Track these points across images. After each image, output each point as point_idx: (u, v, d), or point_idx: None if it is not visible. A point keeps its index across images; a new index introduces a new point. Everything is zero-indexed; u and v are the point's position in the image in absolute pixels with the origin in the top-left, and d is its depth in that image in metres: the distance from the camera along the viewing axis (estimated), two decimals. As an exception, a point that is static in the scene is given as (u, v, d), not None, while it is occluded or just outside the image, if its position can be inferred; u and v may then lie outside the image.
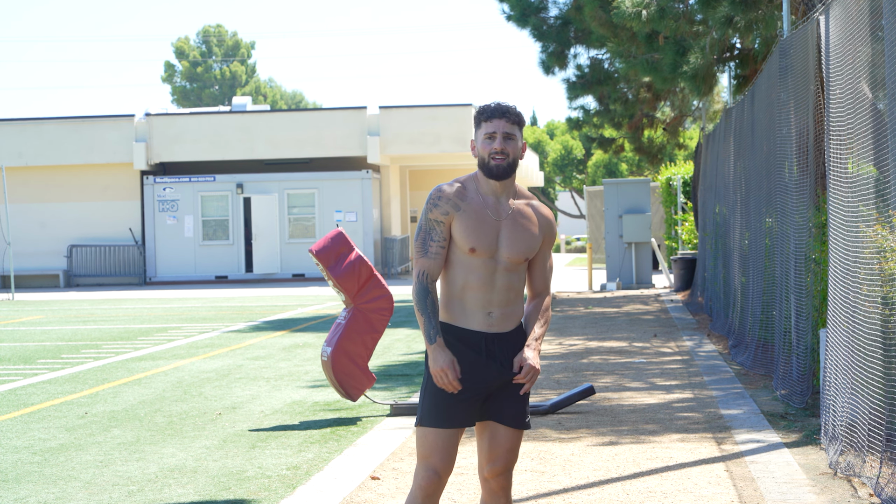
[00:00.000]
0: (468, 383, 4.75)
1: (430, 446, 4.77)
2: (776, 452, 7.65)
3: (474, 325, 4.77)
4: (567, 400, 9.54)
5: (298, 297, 27.38)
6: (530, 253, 4.80)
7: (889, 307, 6.33)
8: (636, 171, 46.99)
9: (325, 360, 9.47)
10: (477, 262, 4.74)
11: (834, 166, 7.59)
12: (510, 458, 4.83)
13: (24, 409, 10.59)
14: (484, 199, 4.79)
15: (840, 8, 7.30)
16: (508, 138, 4.76)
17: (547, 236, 4.86)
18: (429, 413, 4.79)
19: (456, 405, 4.75)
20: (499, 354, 4.78)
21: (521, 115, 4.82)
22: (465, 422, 4.80)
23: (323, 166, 36.72)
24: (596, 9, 18.81)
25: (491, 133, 4.76)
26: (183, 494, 7.06)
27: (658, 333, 16.02)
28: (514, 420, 4.80)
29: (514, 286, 4.79)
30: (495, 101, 4.84)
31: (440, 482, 4.77)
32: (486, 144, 4.76)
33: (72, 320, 21.42)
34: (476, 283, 4.75)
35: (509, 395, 4.80)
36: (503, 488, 4.84)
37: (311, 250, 9.50)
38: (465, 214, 4.75)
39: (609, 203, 27.33)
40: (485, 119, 4.78)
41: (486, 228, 4.74)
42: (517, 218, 4.80)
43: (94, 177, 36.18)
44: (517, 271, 4.79)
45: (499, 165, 4.75)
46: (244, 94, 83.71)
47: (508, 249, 4.75)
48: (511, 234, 4.76)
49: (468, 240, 4.73)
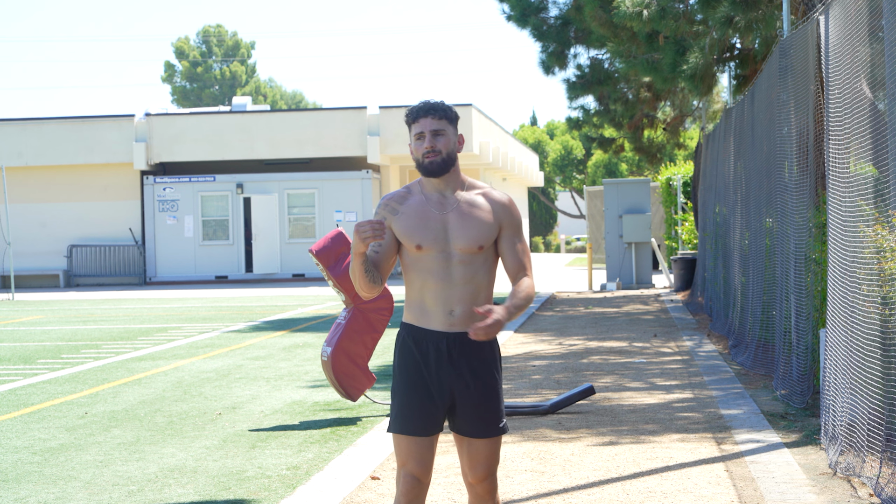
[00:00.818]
0: (430, 386, 4.69)
1: (404, 452, 4.72)
2: (776, 452, 7.65)
3: (435, 324, 4.70)
4: (567, 400, 9.54)
5: (298, 297, 27.38)
6: (484, 241, 4.70)
7: (888, 307, 6.33)
8: (636, 171, 46.99)
9: (325, 360, 9.48)
10: (428, 258, 4.68)
11: (833, 166, 7.59)
12: (490, 463, 4.76)
13: (24, 409, 10.60)
14: (427, 196, 4.75)
15: (840, 8, 7.30)
16: (438, 135, 4.71)
17: (505, 220, 4.76)
18: (395, 419, 4.74)
19: (420, 411, 4.69)
20: (461, 357, 4.70)
21: (449, 110, 4.77)
22: (432, 429, 4.71)
23: (323, 166, 36.72)
24: (596, 9, 18.81)
25: (419, 133, 4.71)
26: (183, 494, 7.06)
27: (658, 333, 16.01)
28: (484, 431, 4.72)
29: (474, 279, 4.70)
30: (421, 100, 4.79)
31: (420, 486, 4.71)
32: (418, 145, 4.72)
33: (72, 320, 21.42)
34: (433, 280, 4.68)
35: (475, 407, 4.70)
36: (489, 492, 4.78)
37: (311, 250, 9.50)
38: (403, 216, 4.71)
39: (609, 203, 27.32)
40: (412, 121, 4.74)
41: (429, 224, 4.69)
42: (465, 208, 4.73)
43: (94, 177, 36.18)
44: (474, 263, 4.70)
45: (433, 162, 4.70)
46: (244, 94, 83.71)
47: (458, 240, 4.68)
48: (459, 224, 4.69)
49: (412, 237, 4.68)
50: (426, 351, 4.70)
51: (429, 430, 4.71)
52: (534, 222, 70.75)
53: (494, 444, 4.76)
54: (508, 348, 14.61)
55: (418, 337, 4.72)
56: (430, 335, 4.70)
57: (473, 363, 4.71)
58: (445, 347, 4.69)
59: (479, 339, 4.51)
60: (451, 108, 4.79)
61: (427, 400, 4.70)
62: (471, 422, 4.72)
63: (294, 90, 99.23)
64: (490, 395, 4.74)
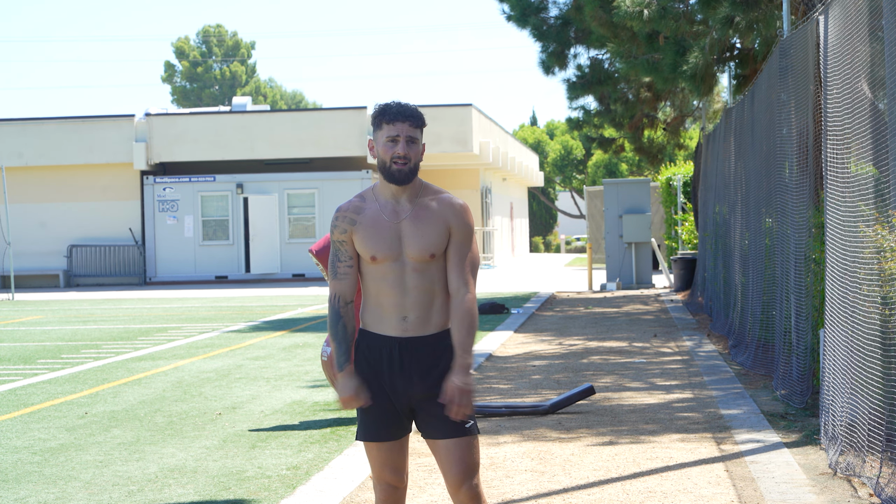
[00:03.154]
0: (383, 391, 4.65)
1: (374, 459, 4.71)
2: (776, 452, 7.65)
3: (388, 329, 4.63)
4: (567, 400, 9.54)
5: (298, 297, 27.38)
6: (436, 248, 4.60)
7: (888, 307, 6.32)
8: (636, 171, 46.98)
9: (325, 360, 9.47)
10: (383, 268, 4.61)
11: (832, 166, 7.59)
12: (463, 467, 4.62)
13: (24, 409, 10.60)
14: (382, 204, 4.66)
15: (839, 8, 7.30)
16: (411, 142, 4.59)
17: (455, 226, 4.64)
18: (359, 427, 4.72)
19: (379, 418, 4.65)
20: (413, 360, 4.62)
21: (423, 118, 4.66)
22: (398, 432, 4.67)
23: (323, 166, 36.72)
24: (596, 9, 18.81)
25: (394, 136, 4.58)
26: (183, 494, 7.06)
27: (658, 333, 16.01)
28: (447, 431, 4.61)
29: (429, 287, 4.62)
30: (395, 101, 4.67)
31: (396, 492, 4.70)
32: (389, 147, 4.59)
33: (72, 320, 21.42)
34: (387, 288, 4.62)
35: (435, 408, 4.61)
36: (471, 499, 4.63)
37: (310, 250, 9.50)
38: (361, 227, 4.63)
39: (609, 203, 27.32)
40: (387, 121, 4.60)
41: (383, 233, 4.61)
42: (418, 216, 4.63)
43: (94, 177, 36.17)
44: (428, 271, 4.61)
45: (400, 170, 4.59)
46: (244, 94, 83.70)
47: (411, 248, 4.60)
48: (411, 233, 4.61)
49: (367, 249, 4.61)
50: (379, 356, 4.65)
51: (393, 435, 4.67)
52: (534, 222, 70.74)
53: (464, 444, 4.63)
54: (508, 348, 14.61)
55: (372, 342, 4.67)
56: (384, 340, 4.64)
57: (429, 367, 4.64)
58: (398, 352, 4.63)
59: (460, 417, 4.56)
60: (424, 118, 4.68)
61: (385, 404, 4.65)
62: (435, 424, 4.64)
63: (294, 90, 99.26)
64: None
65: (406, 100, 4.74)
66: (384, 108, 4.63)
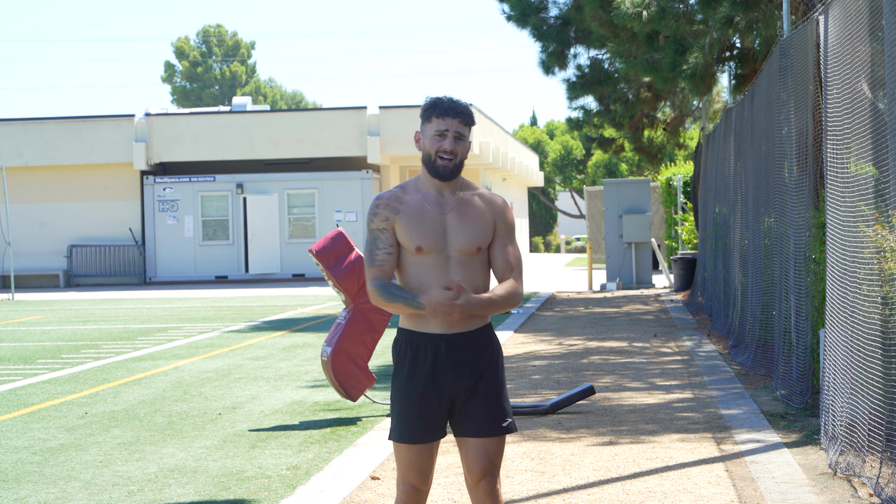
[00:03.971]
0: (431, 392, 4.60)
1: (405, 461, 4.65)
2: (776, 452, 7.65)
3: (433, 327, 4.60)
4: (567, 400, 9.54)
5: (298, 297, 27.38)
6: (482, 242, 4.62)
7: (888, 307, 6.33)
8: (636, 171, 46.98)
9: (325, 360, 9.48)
10: (428, 259, 4.58)
11: (832, 166, 7.59)
12: (490, 464, 4.63)
13: (24, 409, 10.60)
14: (425, 196, 4.64)
15: (840, 8, 7.30)
16: (459, 139, 4.59)
17: (500, 223, 4.67)
18: (396, 427, 4.66)
19: (420, 418, 4.61)
20: (461, 358, 4.60)
21: (473, 116, 4.66)
22: (435, 434, 4.64)
23: (323, 166, 36.72)
24: (596, 9, 18.80)
25: (443, 131, 4.57)
26: (183, 494, 7.06)
27: (658, 333, 16.01)
28: (484, 430, 4.62)
29: (472, 282, 4.60)
30: (447, 96, 4.65)
31: (418, 494, 4.66)
32: (436, 141, 4.58)
33: (72, 320, 21.42)
34: (429, 280, 4.57)
35: (476, 405, 4.61)
36: (489, 495, 4.64)
37: (311, 250, 9.50)
38: (405, 216, 4.59)
39: (609, 203, 27.32)
40: (437, 115, 4.58)
41: (429, 224, 4.58)
42: (463, 209, 4.63)
43: (94, 177, 36.17)
44: (473, 265, 4.61)
45: (445, 167, 4.59)
46: (244, 94, 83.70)
47: (457, 241, 4.59)
48: (458, 226, 4.60)
49: (412, 239, 4.57)
50: (425, 355, 4.61)
51: (429, 437, 4.64)
52: (534, 222, 70.72)
53: (496, 444, 4.65)
54: (508, 348, 14.61)
55: (417, 341, 4.63)
56: (429, 338, 4.61)
57: (474, 363, 4.63)
58: (444, 349, 4.60)
59: (433, 316, 4.48)
60: (473, 115, 4.68)
61: (427, 406, 4.61)
62: (473, 421, 4.62)
63: (294, 90, 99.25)
64: (493, 394, 4.64)
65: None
66: (436, 101, 4.62)
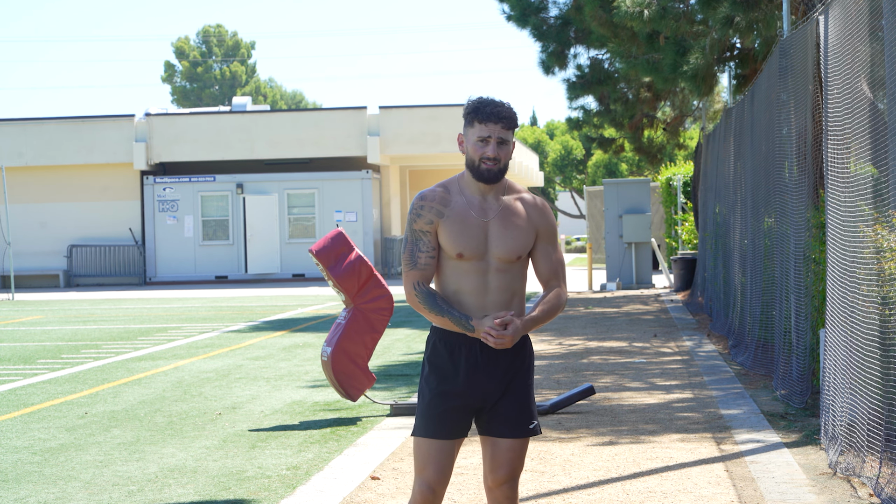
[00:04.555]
0: (463, 392, 4.61)
1: (424, 458, 4.63)
2: (776, 452, 7.65)
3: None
4: (567, 400, 9.54)
5: (298, 297, 27.38)
6: (523, 250, 4.60)
7: (888, 307, 6.33)
8: (636, 171, 46.99)
9: (325, 360, 9.47)
10: (467, 265, 4.57)
11: (832, 166, 7.60)
12: (513, 466, 4.64)
13: (24, 409, 10.60)
14: (469, 199, 4.62)
15: (840, 8, 7.30)
16: (502, 143, 4.56)
17: (542, 228, 4.65)
18: (422, 422, 4.65)
19: (448, 414, 4.61)
20: (494, 361, 4.62)
21: (516, 119, 4.62)
22: (459, 433, 4.64)
23: (323, 166, 36.72)
24: (596, 8, 18.80)
25: (485, 137, 4.55)
26: (183, 494, 7.06)
27: (658, 333, 16.02)
28: (513, 430, 4.63)
29: (510, 287, 4.61)
30: (490, 98, 4.62)
31: (435, 496, 4.63)
32: (479, 147, 4.56)
33: (72, 320, 21.42)
34: (469, 287, 4.58)
35: (506, 406, 4.63)
36: (508, 498, 4.65)
37: (311, 250, 9.50)
38: (449, 220, 4.58)
39: (609, 203, 27.33)
40: (480, 120, 4.56)
41: (472, 231, 4.57)
42: (506, 216, 4.60)
43: (94, 177, 36.18)
44: (511, 271, 4.60)
45: (490, 170, 4.56)
46: (244, 94, 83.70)
47: (498, 249, 4.58)
48: (500, 234, 4.58)
49: (455, 245, 4.57)
50: (458, 356, 4.61)
51: (453, 434, 4.63)
52: (534, 222, 70.62)
53: (519, 446, 4.66)
54: (508, 348, 14.60)
55: (451, 342, 4.63)
56: (465, 339, 4.62)
57: (507, 366, 4.64)
58: (478, 352, 4.61)
59: (488, 342, 4.50)
60: (517, 117, 4.64)
61: (456, 404, 4.62)
62: (502, 422, 4.63)
63: (294, 90, 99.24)
64: (523, 395, 4.66)
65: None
66: (478, 105, 4.59)
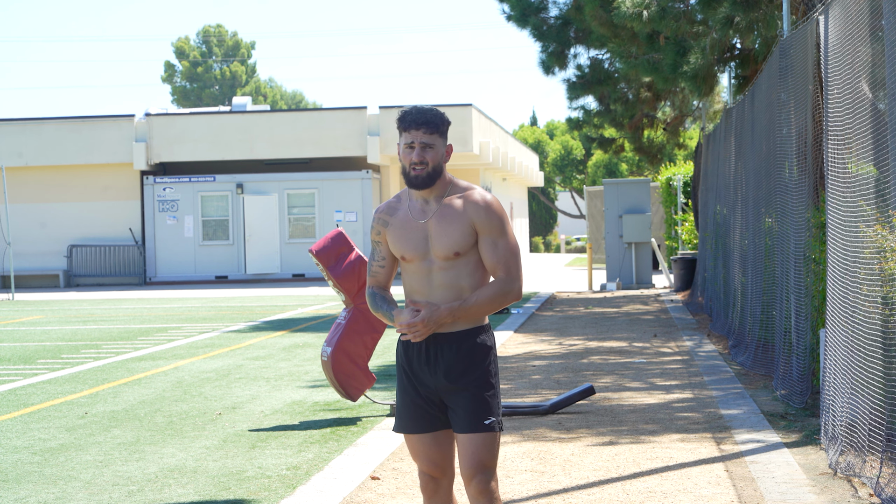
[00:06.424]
0: (415, 387, 4.85)
1: (411, 450, 4.92)
2: (776, 452, 7.65)
3: None
4: (567, 400, 9.55)
5: (298, 297, 27.38)
6: (460, 247, 4.74)
7: (889, 307, 6.33)
8: (636, 171, 46.97)
9: (325, 360, 9.47)
10: (413, 266, 4.80)
11: (833, 166, 7.59)
12: (476, 461, 4.72)
13: (24, 409, 10.60)
14: (412, 205, 4.84)
15: (840, 8, 7.30)
16: (427, 148, 4.74)
17: (479, 221, 4.75)
18: (396, 419, 4.95)
19: (411, 410, 4.86)
20: (441, 357, 4.79)
21: (441, 123, 4.76)
22: (428, 426, 4.85)
23: (323, 166, 36.72)
24: (596, 8, 18.80)
25: (410, 143, 4.74)
26: (183, 494, 7.06)
27: (658, 333, 16.02)
28: (466, 426, 4.75)
29: (454, 284, 4.77)
30: (415, 106, 4.79)
31: (436, 483, 4.87)
32: (407, 154, 4.76)
33: (72, 320, 21.42)
34: (417, 286, 4.81)
35: (460, 401, 4.78)
36: (481, 493, 4.71)
37: (311, 250, 9.50)
38: (392, 228, 4.83)
39: (609, 203, 27.32)
40: (404, 128, 4.75)
41: (412, 234, 4.78)
42: (442, 215, 4.77)
43: (94, 177, 36.17)
44: (455, 268, 4.77)
45: (418, 176, 4.74)
46: (244, 94, 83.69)
47: (435, 248, 4.76)
48: (437, 232, 4.76)
49: (398, 249, 4.82)
50: (411, 353, 4.85)
51: (424, 428, 4.86)
52: (534, 222, 70.73)
53: (481, 441, 4.74)
54: (508, 348, 14.61)
55: (405, 340, 4.86)
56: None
57: (452, 360, 4.78)
58: (425, 347, 4.81)
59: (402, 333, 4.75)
60: (443, 120, 4.77)
61: (415, 399, 4.86)
62: (457, 417, 4.79)
63: (294, 90, 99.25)
64: (475, 390, 4.77)
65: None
66: (402, 115, 4.78)
